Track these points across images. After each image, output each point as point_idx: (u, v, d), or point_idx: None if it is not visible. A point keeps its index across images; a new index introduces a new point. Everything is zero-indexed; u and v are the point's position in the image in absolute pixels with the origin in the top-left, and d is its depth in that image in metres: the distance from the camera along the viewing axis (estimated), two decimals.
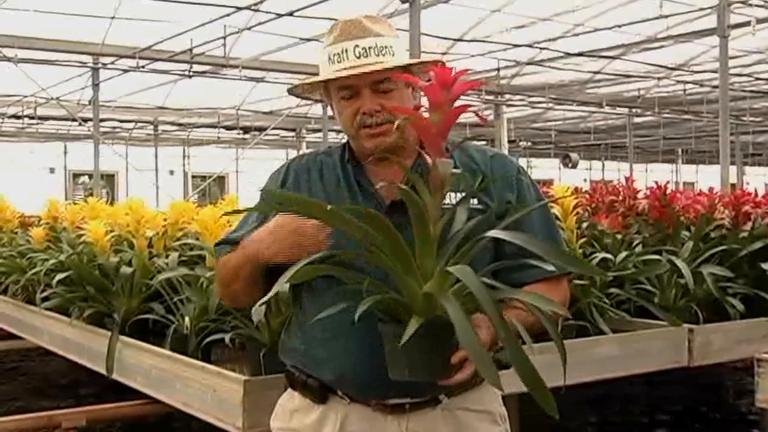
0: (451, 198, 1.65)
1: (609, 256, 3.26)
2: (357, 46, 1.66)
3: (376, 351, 1.50)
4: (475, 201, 1.69)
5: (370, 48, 1.66)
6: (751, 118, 17.51)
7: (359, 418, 1.68)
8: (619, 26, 10.76)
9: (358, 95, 1.67)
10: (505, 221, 1.58)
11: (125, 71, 12.24)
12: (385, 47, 1.68)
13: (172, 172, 22.54)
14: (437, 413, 1.67)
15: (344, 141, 1.82)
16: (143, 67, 11.80)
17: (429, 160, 1.47)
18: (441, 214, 1.47)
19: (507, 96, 14.80)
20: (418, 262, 1.47)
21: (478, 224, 1.56)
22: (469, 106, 1.49)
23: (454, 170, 1.51)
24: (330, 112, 1.82)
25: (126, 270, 3.24)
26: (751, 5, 9.36)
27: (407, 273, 1.47)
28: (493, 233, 1.46)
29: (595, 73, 13.83)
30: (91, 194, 12.23)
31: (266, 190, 1.78)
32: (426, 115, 1.49)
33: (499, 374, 1.32)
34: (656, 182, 3.94)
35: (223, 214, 2.92)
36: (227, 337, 2.57)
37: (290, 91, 1.83)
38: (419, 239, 1.47)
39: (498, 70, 12.81)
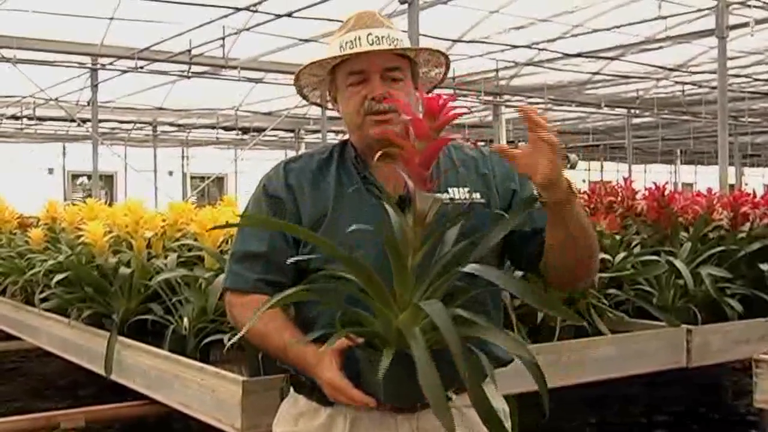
0: (454, 193, 1.69)
1: (607, 256, 3.27)
2: (370, 34, 1.68)
3: None
4: (478, 195, 1.71)
5: (383, 37, 1.68)
6: (750, 119, 17.51)
7: (369, 419, 1.67)
8: (618, 27, 10.77)
9: (367, 81, 1.69)
10: (514, 217, 1.62)
11: (124, 72, 12.23)
12: (397, 39, 1.71)
13: (170, 173, 22.53)
14: None
15: (340, 140, 1.83)
16: (142, 67, 11.79)
17: (411, 185, 1.47)
18: (422, 244, 1.48)
19: (506, 97, 14.80)
20: (396, 293, 1.49)
21: (478, 224, 1.60)
22: (452, 139, 1.52)
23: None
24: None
25: (124, 271, 3.24)
26: (749, 6, 9.36)
27: (383, 305, 1.49)
28: (469, 269, 1.47)
29: (594, 74, 13.83)
30: (90, 195, 12.24)
31: (250, 215, 1.80)
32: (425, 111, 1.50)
33: (451, 415, 1.33)
34: (655, 183, 3.94)
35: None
36: (226, 338, 2.57)
37: (297, 77, 1.81)
38: (396, 271, 1.49)
39: (497, 71, 12.82)
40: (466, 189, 1.71)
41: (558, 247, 1.61)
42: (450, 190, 1.70)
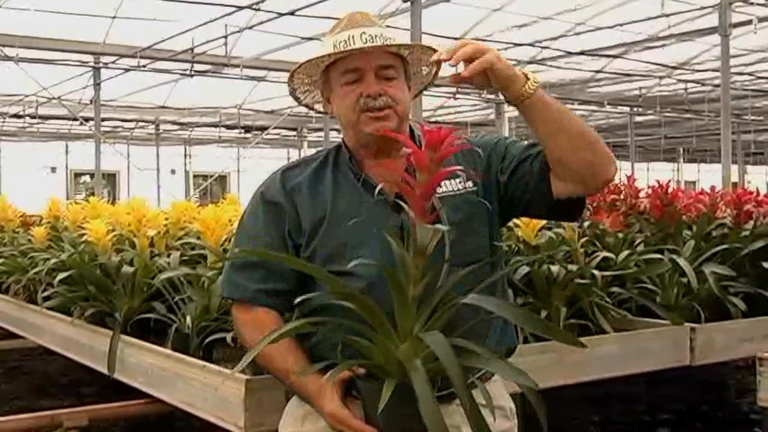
0: (447, 186, 1.71)
1: (611, 255, 3.26)
2: (364, 33, 1.69)
3: None
4: (470, 183, 1.74)
5: (376, 36, 1.69)
6: (753, 117, 17.49)
7: None
8: (621, 25, 10.76)
9: (362, 79, 1.70)
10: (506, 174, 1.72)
11: (126, 70, 12.25)
12: (389, 38, 1.71)
13: (173, 172, 22.57)
14: (453, 408, 1.67)
15: (335, 144, 1.84)
16: (144, 66, 11.80)
17: (411, 214, 1.49)
18: (422, 275, 1.50)
19: None
20: (397, 324, 1.51)
21: (473, 213, 1.70)
22: (452, 171, 1.54)
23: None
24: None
25: (127, 269, 3.24)
26: (752, 4, 9.34)
27: (384, 336, 1.50)
28: (468, 299, 1.49)
29: (597, 72, 13.82)
30: (93, 193, 12.26)
31: (244, 249, 1.80)
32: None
33: None
34: (658, 181, 3.94)
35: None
36: (229, 337, 2.57)
37: (291, 77, 1.82)
38: (397, 301, 1.50)
39: None
40: (458, 180, 1.73)
41: (550, 141, 1.61)
42: (443, 183, 1.71)
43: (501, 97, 1.61)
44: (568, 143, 1.59)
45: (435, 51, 1.78)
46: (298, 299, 1.62)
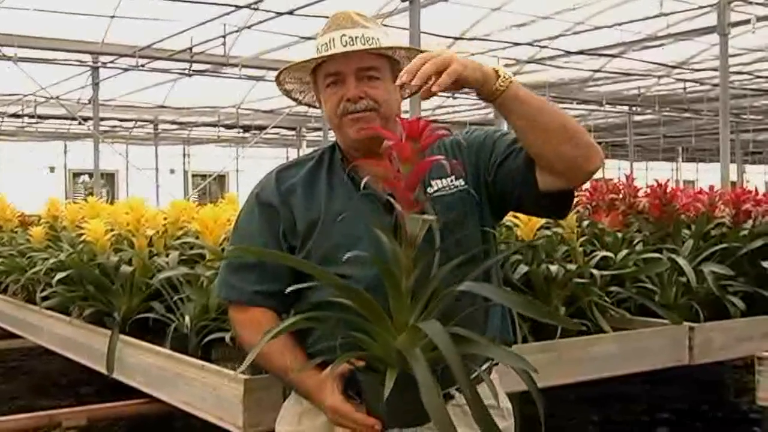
0: (437, 185, 1.72)
1: (609, 254, 3.26)
2: (344, 35, 1.69)
3: None
4: (461, 181, 1.73)
5: (356, 37, 1.69)
6: (752, 117, 17.52)
7: None
8: (620, 24, 10.78)
9: (343, 83, 1.70)
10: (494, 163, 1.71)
11: (125, 70, 12.26)
12: (372, 38, 1.70)
13: (172, 171, 22.56)
14: (450, 409, 1.67)
15: (331, 143, 1.84)
16: (143, 66, 11.81)
17: (398, 208, 1.48)
18: (414, 266, 1.49)
19: None
20: (393, 315, 1.51)
21: (466, 210, 1.70)
22: (434, 160, 1.51)
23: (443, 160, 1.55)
24: None
25: (126, 269, 3.23)
26: (751, 3, 9.36)
27: (381, 328, 1.50)
28: (463, 286, 1.49)
29: (596, 71, 13.84)
30: (91, 193, 12.25)
31: (240, 247, 1.80)
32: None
33: None
34: (656, 180, 3.94)
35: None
36: (227, 336, 2.57)
37: (279, 81, 1.84)
38: (391, 294, 1.50)
39: None
40: (450, 178, 1.72)
41: (527, 136, 1.59)
42: (433, 182, 1.71)
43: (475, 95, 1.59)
44: (546, 138, 1.57)
45: (419, 51, 1.77)
46: (291, 288, 1.60)
